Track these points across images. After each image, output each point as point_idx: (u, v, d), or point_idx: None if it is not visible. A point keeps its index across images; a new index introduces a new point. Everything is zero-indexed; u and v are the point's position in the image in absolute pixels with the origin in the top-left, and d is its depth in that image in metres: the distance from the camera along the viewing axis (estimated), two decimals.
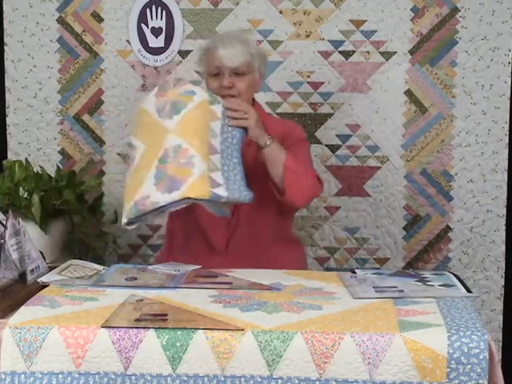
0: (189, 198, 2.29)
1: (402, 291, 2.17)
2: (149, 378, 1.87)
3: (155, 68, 3.24)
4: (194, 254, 2.60)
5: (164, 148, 2.33)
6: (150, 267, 2.47)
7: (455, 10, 3.13)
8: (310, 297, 2.13)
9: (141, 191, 2.32)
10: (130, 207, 2.33)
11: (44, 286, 2.25)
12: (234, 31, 2.93)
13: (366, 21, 3.16)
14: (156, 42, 3.23)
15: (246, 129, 2.45)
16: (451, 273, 2.46)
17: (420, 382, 1.83)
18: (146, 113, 2.43)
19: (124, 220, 2.36)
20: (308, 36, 3.17)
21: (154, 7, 3.21)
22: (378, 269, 3.15)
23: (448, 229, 3.23)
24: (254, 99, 2.68)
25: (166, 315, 1.96)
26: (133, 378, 1.87)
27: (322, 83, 3.19)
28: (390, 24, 3.16)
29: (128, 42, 3.24)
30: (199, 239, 2.64)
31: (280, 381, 1.85)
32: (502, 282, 3.22)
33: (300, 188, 2.49)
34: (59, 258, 2.81)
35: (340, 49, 3.18)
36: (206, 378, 1.86)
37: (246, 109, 2.46)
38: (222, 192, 2.29)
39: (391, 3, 3.15)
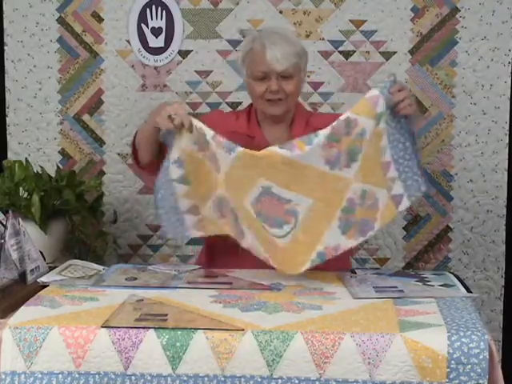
0: None
1: (402, 291, 2.17)
2: (149, 378, 1.87)
3: (155, 68, 3.24)
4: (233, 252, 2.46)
5: (347, 198, 2.25)
6: (150, 267, 2.48)
7: (455, 10, 3.13)
8: (310, 297, 2.13)
9: (325, 240, 2.26)
10: (313, 259, 2.27)
11: (44, 286, 2.25)
12: (276, 28, 2.74)
13: (365, 21, 3.16)
14: (156, 42, 3.23)
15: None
16: (451, 273, 2.46)
17: (420, 381, 1.83)
18: (310, 168, 2.25)
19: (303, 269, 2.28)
20: (308, 36, 3.17)
21: (153, 7, 3.21)
22: (378, 269, 3.15)
23: (448, 229, 3.23)
24: None
25: (166, 315, 1.96)
26: (133, 378, 1.87)
27: (322, 83, 3.19)
28: (389, 24, 3.15)
29: (128, 42, 3.24)
30: None
31: (280, 381, 1.85)
32: (502, 282, 3.22)
33: None
34: (59, 258, 2.81)
35: (340, 49, 3.18)
36: (206, 378, 1.86)
37: (408, 94, 2.29)
38: (404, 205, 2.27)
39: (391, 3, 3.15)
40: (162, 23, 3.22)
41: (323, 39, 3.17)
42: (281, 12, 3.18)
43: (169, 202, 2.30)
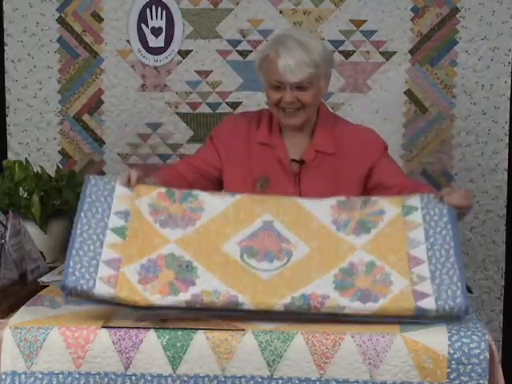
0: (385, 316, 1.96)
1: None
2: (149, 378, 1.87)
3: (155, 68, 3.24)
4: None
5: (349, 261, 2.04)
6: None
7: (455, 10, 3.13)
8: None
9: (314, 286, 2.00)
10: (294, 297, 1.96)
11: (44, 286, 2.25)
12: (296, 31, 2.61)
13: (365, 21, 3.16)
14: (156, 42, 3.23)
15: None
16: None
17: (420, 382, 1.83)
18: (316, 220, 2.14)
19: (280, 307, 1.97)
20: None
21: (153, 7, 3.21)
22: None
23: None
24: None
25: (167, 315, 1.96)
26: (133, 378, 1.87)
27: None
28: (390, 24, 3.15)
29: (128, 41, 3.24)
30: None
31: (280, 381, 1.85)
32: (502, 282, 3.22)
33: None
34: (59, 258, 2.80)
35: (340, 49, 3.18)
36: (206, 379, 1.86)
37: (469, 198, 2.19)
38: (429, 305, 1.93)
39: (391, 3, 3.15)
40: (162, 23, 3.22)
41: (323, 39, 3.17)
42: (281, 12, 3.18)
43: (91, 245, 2.07)
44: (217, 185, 2.52)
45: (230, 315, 1.95)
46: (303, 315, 1.94)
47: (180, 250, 2.06)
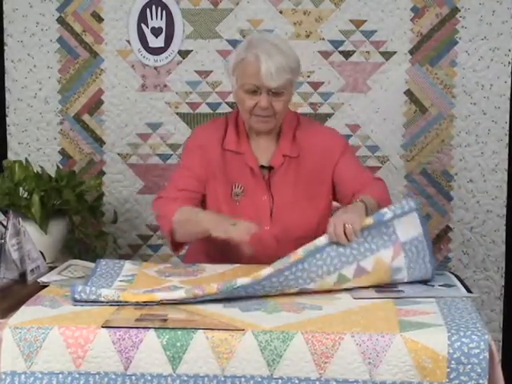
0: None
1: (402, 291, 2.17)
2: (149, 378, 1.87)
3: (155, 68, 3.24)
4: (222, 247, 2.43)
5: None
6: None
7: (455, 9, 3.13)
8: (310, 297, 2.13)
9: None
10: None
11: (44, 286, 2.25)
12: (271, 37, 2.57)
13: (365, 21, 3.16)
14: (156, 42, 3.23)
15: None
16: (451, 273, 2.46)
17: (420, 382, 1.83)
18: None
19: None
20: (308, 36, 3.17)
21: (154, 7, 3.21)
22: None
23: (448, 229, 3.23)
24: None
25: (166, 315, 1.96)
26: (133, 378, 1.87)
27: (322, 83, 3.19)
28: (389, 24, 3.16)
29: (128, 41, 3.24)
30: None
31: (280, 381, 1.85)
32: (502, 282, 3.22)
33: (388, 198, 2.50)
34: (59, 257, 2.81)
35: (340, 49, 3.18)
36: (206, 378, 1.86)
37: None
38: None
39: (391, 3, 3.15)
40: (162, 23, 3.22)
41: (323, 39, 3.17)
42: (281, 12, 3.18)
43: (104, 281, 2.24)
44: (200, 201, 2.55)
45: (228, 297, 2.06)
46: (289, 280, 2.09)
47: (182, 285, 2.19)
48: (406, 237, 2.20)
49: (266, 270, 2.08)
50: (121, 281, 2.25)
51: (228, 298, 2.09)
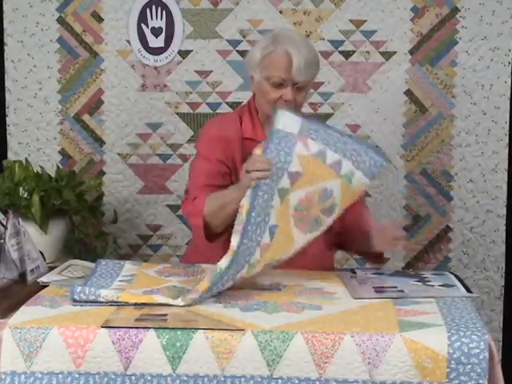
0: None
1: (402, 291, 2.18)
2: (149, 378, 1.87)
3: (155, 68, 3.24)
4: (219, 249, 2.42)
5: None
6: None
7: (455, 9, 3.13)
8: (310, 297, 2.13)
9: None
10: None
11: (44, 286, 2.25)
12: (290, 31, 2.62)
13: (365, 21, 3.16)
14: (156, 41, 3.23)
15: None
16: (451, 273, 2.46)
17: (420, 382, 1.83)
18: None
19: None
20: (308, 36, 3.17)
21: (154, 7, 3.21)
22: (378, 269, 3.14)
23: (448, 229, 3.23)
24: None
25: (166, 315, 1.96)
26: (133, 378, 1.87)
27: (322, 83, 3.19)
28: (390, 24, 3.16)
29: (128, 42, 3.24)
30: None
31: (280, 381, 1.85)
32: (502, 282, 3.22)
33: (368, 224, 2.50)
34: (59, 257, 2.81)
35: (340, 49, 3.18)
36: (205, 378, 1.86)
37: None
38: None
39: (391, 3, 3.15)
40: (162, 23, 3.22)
41: (323, 39, 3.17)
42: (281, 12, 3.18)
43: (103, 281, 2.25)
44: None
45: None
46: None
47: (181, 285, 2.20)
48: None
49: (233, 240, 2.11)
50: (120, 281, 2.26)
51: (228, 298, 2.09)
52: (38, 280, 2.30)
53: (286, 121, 2.25)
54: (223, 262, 2.09)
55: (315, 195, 2.22)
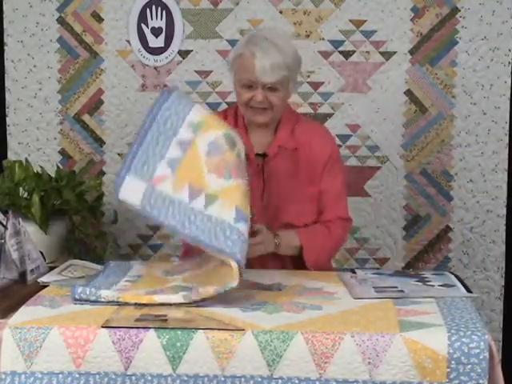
0: None
1: (402, 291, 2.18)
2: (149, 378, 1.87)
3: (155, 68, 3.24)
4: None
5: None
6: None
7: (455, 9, 3.13)
8: (310, 297, 2.13)
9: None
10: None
11: (44, 286, 2.25)
12: (271, 32, 2.58)
13: (365, 21, 3.16)
14: (156, 42, 3.23)
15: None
16: (451, 273, 2.46)
17: (420, 382, 1.83)
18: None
19: None
20: (308, 36, 3.17)
21: (154, 7, 3.21)
22: (378, 269, 3.15)
23: (448, 229, 3.23)
24: None
25: (166, 315, 1.96)
26: (133, 378, 1.87)
27: (322, 83, 3.19)
28: (390, 24, 3.16)
29: (128, 42, 3.24)
30: None
31: (280, 381, 1.85)
32: (502, 282, 3.22)
33: (321, 255, 2.53)
34: (59, 258, 2.81)
35: (340, 49, 3.18)
36: (206, 378, 1.87)
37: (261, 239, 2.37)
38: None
39: (391, 3, 3.15)
40: (162, 23, 3.22)
41: (323, 39, 3.17)
42: (281, 12, 3.18)
43: (110, 280, 2.26)
44: None
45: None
46: None
47: (186, 284, 2.18)
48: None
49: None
50: (126, 281, 2.26)
51: (228, 298, 2.09)
52: (38, 280, 2.30)
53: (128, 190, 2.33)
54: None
55: None
